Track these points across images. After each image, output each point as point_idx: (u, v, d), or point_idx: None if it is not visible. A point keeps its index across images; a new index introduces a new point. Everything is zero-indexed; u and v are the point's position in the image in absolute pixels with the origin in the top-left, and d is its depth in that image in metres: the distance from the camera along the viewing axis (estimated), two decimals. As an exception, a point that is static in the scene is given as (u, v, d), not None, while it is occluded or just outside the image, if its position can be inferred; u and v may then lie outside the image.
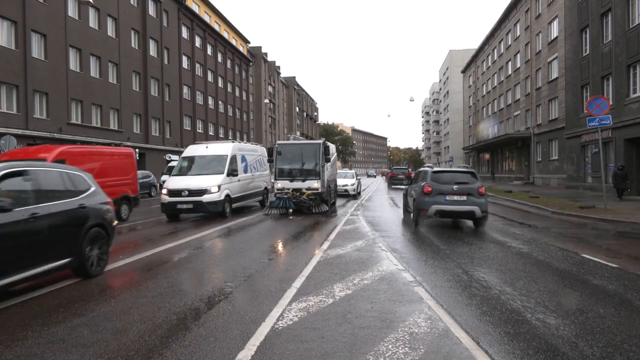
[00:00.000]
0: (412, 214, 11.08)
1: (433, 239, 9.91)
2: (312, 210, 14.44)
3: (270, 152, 15.33)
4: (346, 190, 22.42)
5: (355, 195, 22.70)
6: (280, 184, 14.68)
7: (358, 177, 24.36)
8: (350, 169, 33.69)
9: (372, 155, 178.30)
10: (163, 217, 14.56)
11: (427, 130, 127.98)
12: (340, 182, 22.36)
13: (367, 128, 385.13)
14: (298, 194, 14.56)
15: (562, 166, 30.43)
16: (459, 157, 71.29)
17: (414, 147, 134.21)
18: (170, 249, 8.72)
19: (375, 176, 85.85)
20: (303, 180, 14.67)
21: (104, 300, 5.47)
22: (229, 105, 56.30)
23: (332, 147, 17.22)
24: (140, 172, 26.70)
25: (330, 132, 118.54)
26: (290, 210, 14.84)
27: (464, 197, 10.05)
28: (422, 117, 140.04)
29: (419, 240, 9.91)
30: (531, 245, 9.25)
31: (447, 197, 10.08)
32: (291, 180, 14.67)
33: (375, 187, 38.59)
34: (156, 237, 10.51)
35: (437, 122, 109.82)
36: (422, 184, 10.38)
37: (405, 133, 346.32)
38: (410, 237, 10.35)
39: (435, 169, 10.85)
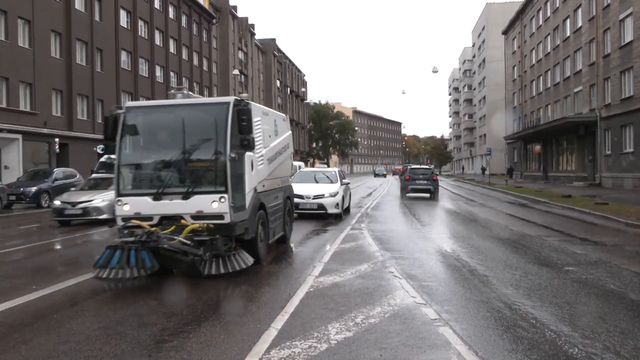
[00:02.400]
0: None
1: (464, 260, 9.98)
2: (202, 273, 8.15)
3: (109, 126, 8.94)
4: (320, 207, 17.29)
5: (339, 215, 17.91)
6: (128, 207, 8.58)
7: (345, 182, 19.33)
8: (330, 167, 23.24)
9: (381, 147, 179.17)
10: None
11: (456, 113, 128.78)
12: (306, 190, 17.56)
13: (375, 109, 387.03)
14: (166, 231, 8.17)
15: (639, 162, 30.76)
16: (500, 149, 71.81)
17: (438, 136, 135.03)
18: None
19: (384, 175, 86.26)
20: (185, 196, 8.47)
21: (11, 348, 5.42)
22: (184, 78, 56.23)
23: (271, 115, 11.36)
24: (60, 170, 26.54)
25: (323, 114, 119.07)
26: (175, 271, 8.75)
27: (425, 181, 26.83)
28: (449, 94, 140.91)
29: (445, 262, 9.97)
30: (597, 269, 9.35)
31: (417, 182, 27.20)
32: (155, 197, 8.50)
33: (385, 190, 38.72)
34: (83, 259, 10.48)
35: (469, 101, 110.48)
36: (404, 174, 26.50)
37: (426, 116, 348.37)
38: (434, 257, 10.41)
39: (411, 166, 26.15)
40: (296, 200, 15.83)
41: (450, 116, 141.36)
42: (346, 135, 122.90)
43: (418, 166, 35.73)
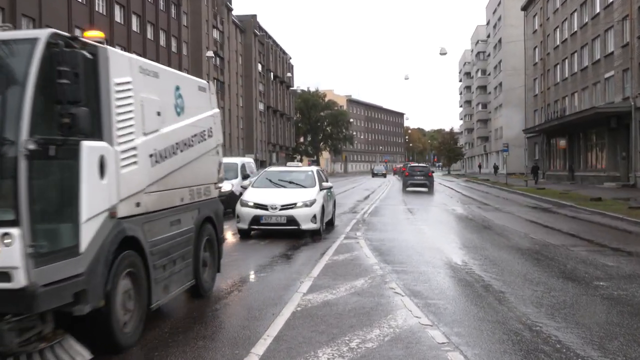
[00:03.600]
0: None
1: (477, 274, 10.03)
2: None
3: None
4: (290, 221, 14.62)
5: (317, 232, 15.08)
6: None
7: (326, 186, 16.54)
8: (305, 164, 22.15)
9: (380, 142, 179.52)
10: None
11: (468, 102, 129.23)
12: (270, 197, 15.13)
13: (373, 98, 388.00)
14: None
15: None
16: (519, 144, 72.19)
17: (447, 129, 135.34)
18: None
19: (384, 175, 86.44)
20: None
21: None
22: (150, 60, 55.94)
23: (168, 78, 7.79)
24: None
25: (312, 103, 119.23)
26: None
27: (422, 177, 40.27)
28: (460, 80, 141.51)
29: (455, 276, 10.01)
30: (631, 284, 9.42)
31: (415, 177, 40.73)
32: None
33: (384, 193, 38.79)
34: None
35: (483, 88, 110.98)
36: (404, 171, 43.58)
37: (433, 106, 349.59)
38: (442, 271, 10.45)
39: (411, 164, 42.93)
40: (258, 212, 14.60)
41: (460, 106, 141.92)
42: (339, 128, 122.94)
43: (416, 164, 53.11)
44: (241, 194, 16.87)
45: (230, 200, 18.11)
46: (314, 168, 17.64)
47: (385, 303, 8.06)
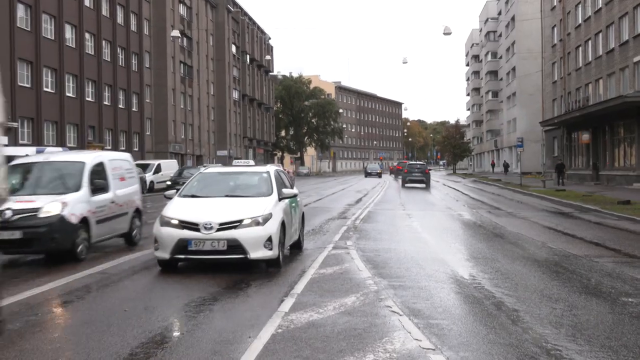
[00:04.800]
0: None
1: (486, 289, 10.07)
2: None
3: None
4: (232, 247, 11.59)
5: (275, 262, 12.06)
6: None
7: (288, 194, 13.58)
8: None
9: (374, 136, 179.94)
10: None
11: (476, 90, 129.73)
12: (204, 212, 12.06)
13: (366, 85, 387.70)
14: None
15: None
16: (535, 139, 72.57)
17: (452, 121, 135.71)
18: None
19: (379, 174, 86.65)
20: None
21: None
22: (104, 42, 55.67)
23: None
24: None
25: (295, 91, 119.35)
26: None
27: (420, 174, 52.37)
28: (467, 64, 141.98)
29: (461, 292, 10.05)
30: (665, 300, 9.47)
31: (413, 174, 52.88)
32: None
33: (379, 195, 38.83)
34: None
35: (493, 74, 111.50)
36: (404, 169, 57.25)
37: (435, 95, 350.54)
38: (446, 286, 10.49)
39: (409, 162, 61.57)
40: (185, 234, 11.51)
41: (468, 94, 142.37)
42: (327, 119, 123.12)
43: (414, 162, 66.46)
44: (84, 221, 13.27)
45: (58, 232, 12.59)
46: (272, 168, 14.44)
47: (380, 324, 8.04)
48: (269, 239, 11.75)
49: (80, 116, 50.90)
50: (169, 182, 38.91)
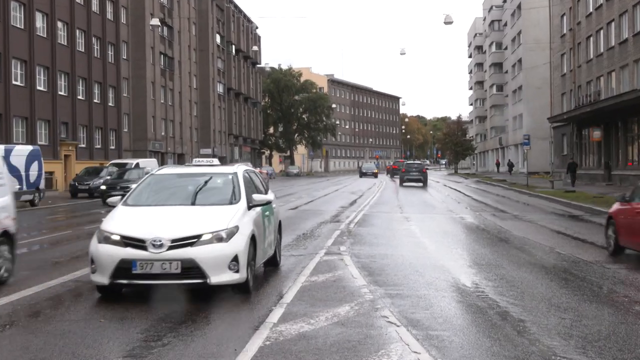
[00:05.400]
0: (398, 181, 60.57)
1: (490, 298, 10.09)
2: None
3: None
4: (188, 268, 10.01)
5: (244, 287, 10.49)
6: None
7: (261, 201, 11.97)
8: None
9: (370, 133, 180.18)
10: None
11: (479, 84, 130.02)
12: (153, 226, 10.48)
13: (361, 78, 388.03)
14: None
15: None
16: (542, 136, 72.73)
17: (453, 117, 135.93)
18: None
19: (375, 174, 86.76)
20: None
21: None
22: (78, 31, 55.48)
23: None
24: None
25: (284, 85, 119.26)
26: None
27: (417, 173, 57.36)
28: (470, 56, 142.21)
29: (464, 301, 10.08)
30: (681, 309, 9.51)
31: (411, 173, 58.06)
32: None
33: (375, 197, 38.86)
34: None
35: (498, 66, 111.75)
36: (402, 168, 62.70)
37: (435, 89, 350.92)
38: (447, 294, 10.50)
39: (407, 162, 71.18)
40: (129, 253, 9.99)
41: (470, 88, 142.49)
42: (318, 115, 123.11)
43: (412, 161, 73.19)
44: None
45: None
46: (241, 168, 12.67)
47: (376, 335, 8.04)
48: (235, 259, 10.20)
49: (52, 112, 50.73)
50: (103, 187, 35.22)
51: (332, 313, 9.13)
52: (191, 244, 10.05)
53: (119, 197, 12.33)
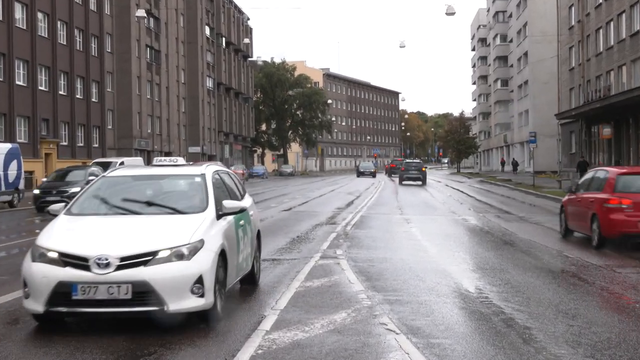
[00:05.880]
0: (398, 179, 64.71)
1: (495, 304, 10.10)
2: None
3: None
4: (139, 294, 8.64)
5: (209, 315, 9.10)
6: None
7: (234, 208, 10.45)
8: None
9: (368, 130, 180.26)
10: None
11: (483, 78, 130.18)
12: (97, 241, 9.09)
13: (358, 73, 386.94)
14: None
15: None
16: (550, 133, 72.77)
17: (456, 113, 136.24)
18: None
19: (373, 173, 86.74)
20: None
21: None
22: (59, 22, 55.41)
23: None
24: None
25: (277, 79, 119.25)
26: None
27: (416, 172, 61.49)
28: (473, 49, 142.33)
29: (467, 307, 10.08)
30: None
31: (410, 172, 61.97)
32: None
33: (373, 197, 38.86)
34: None
35: (503, 59, 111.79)
36: (401, 167, 67.22)
37: (437, 84, 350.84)
38: (449, 300, 10.51)
39: (406, 161, 75.47)
40: (69, 274, 8.55)
41: (473, 83, 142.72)
42: (313, 111, 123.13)
43: (411, 160, 76.35)
44: None
45: None
46: (210, 169, 11.11)
47: (374, 344, 8.03)
48: (199, 280, 8.77)
49: (32, 108, 50.68)
50: (36, 191, 31.87)
51: (327, 320, 9.12)
52: (145, 263, 8.63)
53: (63, 204, 10.60)
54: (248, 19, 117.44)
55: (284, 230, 20.71)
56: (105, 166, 40.68)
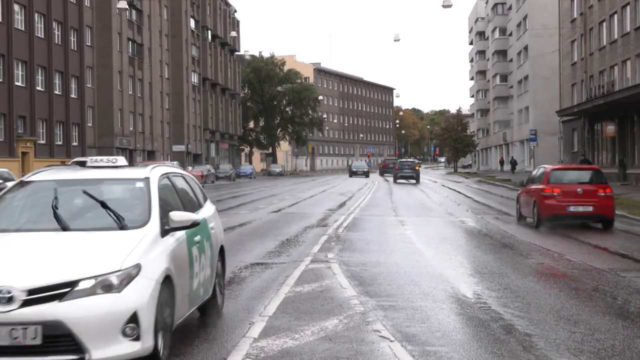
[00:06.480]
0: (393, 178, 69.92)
1: (494, 310, 10.10)
2: None
3: None
4: (51, 340, 6.61)
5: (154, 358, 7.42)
6: None
7: (187, 222, 8.41)
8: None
9: (361, 128, 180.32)
10: None
11: (481, 73, 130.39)
12: (7, 263, 7.15)
13: (350, 68, 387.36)
14: None
15: None
16: (551, 131, 72.87)
17: (453, 110, 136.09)
18: None
19: (366, 173, 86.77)
20: None
21: None
22: (37, 15, 55.28)
23: None
24: None
25: (266, 74, 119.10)
26: None
27: (410, 171, 67.88)
28: (471, 43, 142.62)
29: (464, 313, 10.08)
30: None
31: (404, 171, 68.43)
32: None
33: (366, 198, 38.87)
34: None
35: (502, 54, 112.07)
36: (395, 166, 75.22)
37: (433, 79, 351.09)
38: (445, 306, 10.51)
39: (400, 160, 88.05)
40: None
41: (471, 78, 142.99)
42: (304, 108, 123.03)
43: (404, 159, 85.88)
44: None
45: None
46: (157, 172, 9.07)
47: (367, 351, 8.02)
48: (133, 319, 6.92)
49: (9, 104, 50.55)
50: None
51: (318, 327, 9.10)
52: (60, 297, 6.75)
53: None
54: (235, 11, 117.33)
55: (272, 232, 20.70)
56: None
